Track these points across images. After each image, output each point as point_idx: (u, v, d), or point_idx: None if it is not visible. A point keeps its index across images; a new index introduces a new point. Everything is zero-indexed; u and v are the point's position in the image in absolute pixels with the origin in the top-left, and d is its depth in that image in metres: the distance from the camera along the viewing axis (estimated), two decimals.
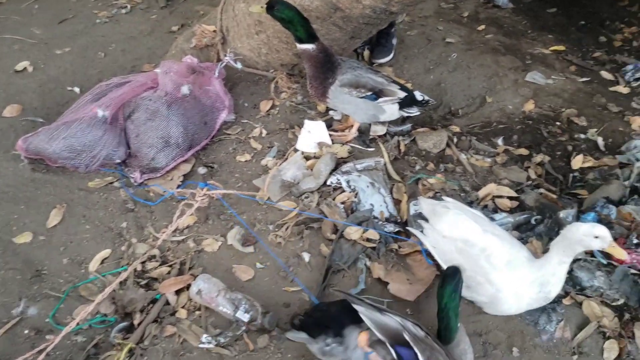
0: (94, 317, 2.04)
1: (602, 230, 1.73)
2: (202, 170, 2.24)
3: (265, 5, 2.45)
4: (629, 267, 2.05)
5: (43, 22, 3.80)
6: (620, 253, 1.74)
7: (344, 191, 2.49)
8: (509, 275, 1.89)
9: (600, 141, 2.86)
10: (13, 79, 3.25)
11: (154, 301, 2.07)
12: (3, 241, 2.30)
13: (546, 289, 1.83)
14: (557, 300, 2.04)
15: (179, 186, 2.56)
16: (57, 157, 2.60)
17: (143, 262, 2.20)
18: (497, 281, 1.91)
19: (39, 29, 3.71)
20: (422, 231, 2.12)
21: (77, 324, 1.96)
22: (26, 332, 2.00)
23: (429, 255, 2.13)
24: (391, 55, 3.61)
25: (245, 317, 1.95)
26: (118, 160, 2.66)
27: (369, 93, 2.56)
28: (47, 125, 2.65)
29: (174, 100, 2.71)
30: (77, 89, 3.17)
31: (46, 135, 2.61)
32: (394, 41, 3.62)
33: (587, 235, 1.73)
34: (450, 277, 1.73)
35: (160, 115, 2.65)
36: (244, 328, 1.95)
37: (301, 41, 2.46)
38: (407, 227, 2.30)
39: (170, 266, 2.21)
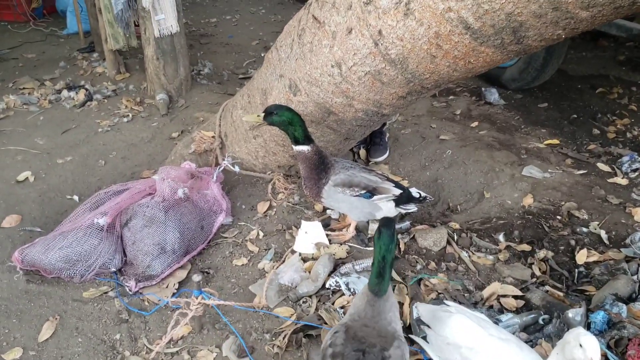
0: None
1: (589, 342, 1.59)
2: (196, 277, 2.19)
3: (261, 115, 2.52)
4: None
5: (47, 132, 3.91)
6: None
7: (343, 294, 2.43)
8: None
9: (603, 234, 2.82)
10: (14, 189, 3.29)
11: None
12: None
13: None
14: None
15: (173, 294, 2.50)
16: (53, 268, 2.56)
17: None
18: None
19: (42, 139, 3.81)
20: (424, 338, 2.03)
21: None
22: None
23: None
24: (387, 153, 3.68)
25: None
26: (114, 269, 2.62)
27: (363, 192, 2.57)
28: (44, 236, 2.65)
29: (171, 205, 2.72)
30: (76, 198, 3.20)
31: (42, 246, 2.59)
32: (387, 138, 3.70)
33: (573, 340, 1.62)
34: (386, 228, 1.70)
35: (157, 221, 2.65)
36: None
37: (298, 142, 2.51)
38: (409, 335, 2.21)
39: None
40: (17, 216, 3.02)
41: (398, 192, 2.64)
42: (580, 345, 1.62)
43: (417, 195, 2.71)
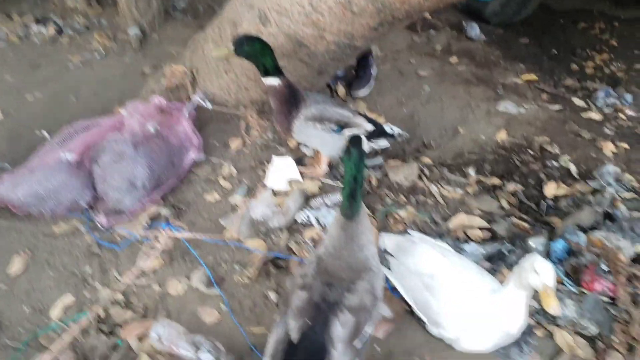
0: None
1: (544, 267, 1.63)
2: (165, 211, 2.20)
3: (230, 47, 2.45)
4: (600, 294, 2.00)
5: (16, 69, 3.80)
6: (548, 303, 1.60)
7: (313, 227, 2.46)
8: (475, 312, 1.84)
9: (573, 168, 2.85)
10: None
11: (115, 347, 2.00)
12: None
13: (503, 325, 1.77)
14: (529, 331, 1.98)
15: (145, 229, 2.51)
16: (22, 204, 2.55)
17: (106, 308, 2.14)
18: (461, 317, 1.86)
19: (11, 75, 3.71)
20: (389, 267, 2.07)
21: None
22: None
23: (395, 290, 2.08)
24: (369, 87, 3.61)
25: (209, 359, 1.88)
26: (84, 204, 2.62)
27: (335, 126, 2.55)
28: (11, 172, 2.62)
29: (140, 141, 2.69)
30: (46, 134, 3.15)
31: (11, 181, 2.57)
32: (373, 71, 3.64)
33: (529, 266, 1.66)
34: (355, 147, 1.65)
35: (127, 157, 2.62)
36: None
37: (267, 74, 2.46)
38: None
39: (134, 311, 2.14)
40: None
41: (370, 127, 2.62)
42: (535, 271, 1.66)
43: (390, 131, 2.70)
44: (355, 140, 1.68)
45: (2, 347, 2.06)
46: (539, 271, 1.65)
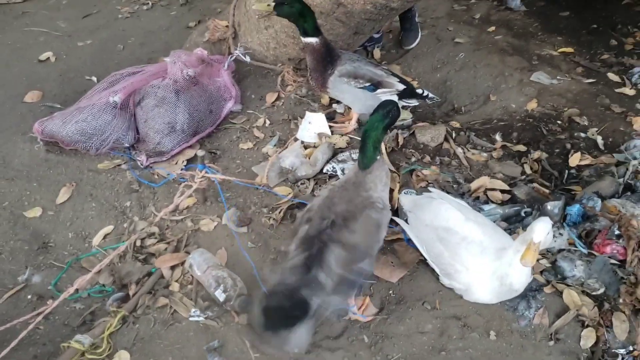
0: (94, 287, 2.16)
1: (539, 227, 1.72)
2: (201, 152, 2.35)
3: (272, 4, 2.55)
4: (609, 257, 2.07)
5: (68, 16, 3.99)
6: (525, 256, 1.72)
7: (338, 178, 2.57)
8: (481, 265, 1.94)
9: (599, 140, 2.87)
10: (36, 68, 3.44)
11: (149, 274, 2.18)
12: (14, 215, 2.46)
13: (506, 280, 1.87)
14: (538, 288, 2.08)
15: (181, 170, 2.68)
16: (70, 140, 2.74)
17: (142, 239, 2.32)
18: (472, 270, 1.96)
19: (64, 22, 3.90)
20: (406, 220, 2.18)
21: (77, 290, 2.08)
22: (29, 297, 2.14)
23: (410, 242, 2.19)
24: (419, 37, 3.70)
25: (221, 297, 2.03)
26: (127, 144, 2.79)
27: (367, 84, 2.64)
28: (61, 111, 2.81)
29: (181, 88, 2.83)
30: (94, 79, 3.33)
31: (60, 119, 2.76)
32: (417, 19, 3.73)
33: (532, 225, 1.75)
34: (380, 107, 1.85)
35: (168, 102, 2.78)
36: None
37: (307, 34, 2.55)
38: (393, 217, 2.36)
39: (167, 243, 2.32)
40: (39, 92, 3.18)
41: (402, 87, 2.70)
42: (532, 229, 1.76)
43: (421, 92, 2.77)
44: (384, 103, 1.82)
45: (49, 266, 2.27)
46: (534, 229, 1.74)
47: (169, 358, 1.90)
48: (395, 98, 2.71)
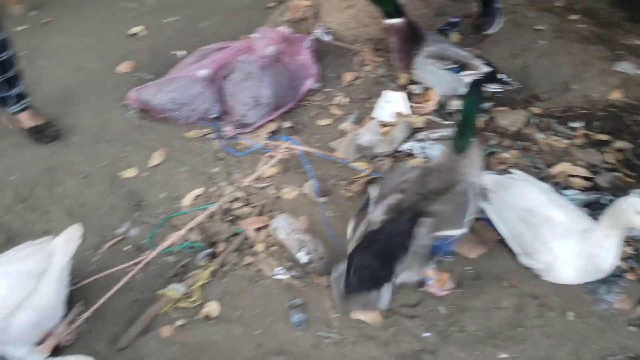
0: (184, 243, 2.31)
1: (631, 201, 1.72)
2: (286, 124, 2.46)
3: None
4: None
5: None
6: None
7: (416, 157, 2.62)
8: (565, 245, 1.95)
9: None
10: (127, 41, 3.65)
11: (236, 234, 2.31)
12: (112, 174, 2.65)
13: (595, 260, 1.87)
14: (620, 274, 2.07)
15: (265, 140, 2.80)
16: (161, 109, 2.91)
17: (229, 202, 2.45)
18: (555, 249, 1.97)
19: None
20: (487, 201, 2.21)
21: (170, 245, 2.23)
22: (127, 248, 2.31)
23: (488, 221, 2.22)
24: (501, 22, 3.67)
25: (304, 259, 2.13)
26: (214, 115, 2.94)
27: (454, 65, 2.67)
28: (155, 80, 2.98)
29: (267, 64, 2.95)
30: (180, 53, 3.49)
31: (153, 88, 2.94)
32: (498, 4, 3.67)
33: (629, 208, 1.74)
34: (474, 88, 1.89)
35: (254, 77, 2.90)
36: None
37: (389, 16, 2.61)
38: None
39: (252, 207, 2.44)
40: (131, 63, 3.38)
41: (487, 69, 2.71)
42: (637, 212, 1.75)
43: (502, 77, 2.78)
44: (475, 83, 1.86)
45: (143, 222, 2.43)
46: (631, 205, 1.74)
47: (256, 311, 2.02)
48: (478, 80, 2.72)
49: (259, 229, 2.32)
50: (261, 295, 2.07)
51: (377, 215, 1.85)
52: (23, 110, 2.82)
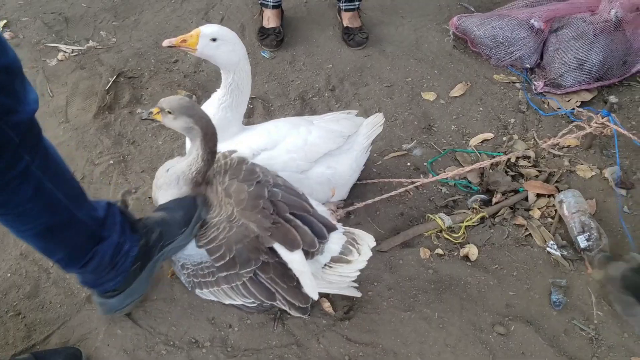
0: (461, 180, 2.33)
1: None
2: (613, 99, 2.22)
3: None
4: None
5: None
6: None
7: None
8: None
9: None
10: None
11: (515, 192, 2.24)
12: (413, 92, 2.74)
13: None
14: None
15: (572, 109, 2.60)
16: (479, 42, 2.88)
17: (517, 157, 2.37)
18: None
19: None
20: None
21: (447, 178, 2.26)
22: (408, 164, 2.41)
23: None
24: None
25: (583, 244, 1.98)
26: (527, 66, 2.81)
27: None
28: (482, 13, 2.93)
29: (605, 28, 2.66)
30: None
31: (478, 19, 2.90)
32: None
33: None
34: None
35: (586, 38, 2.66)
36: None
37: None
38: None
39: (539, 171, 2.33)
40: None
41: None
42: None
43: None
44: None
45: (428, 146, 2.50)
46: None
47: (514, 272, 1.98)
48: None
49: (540, 195, 2.22)
50: (524, 260, 2.01)
51: None
52: (350, 9, 3.00)
